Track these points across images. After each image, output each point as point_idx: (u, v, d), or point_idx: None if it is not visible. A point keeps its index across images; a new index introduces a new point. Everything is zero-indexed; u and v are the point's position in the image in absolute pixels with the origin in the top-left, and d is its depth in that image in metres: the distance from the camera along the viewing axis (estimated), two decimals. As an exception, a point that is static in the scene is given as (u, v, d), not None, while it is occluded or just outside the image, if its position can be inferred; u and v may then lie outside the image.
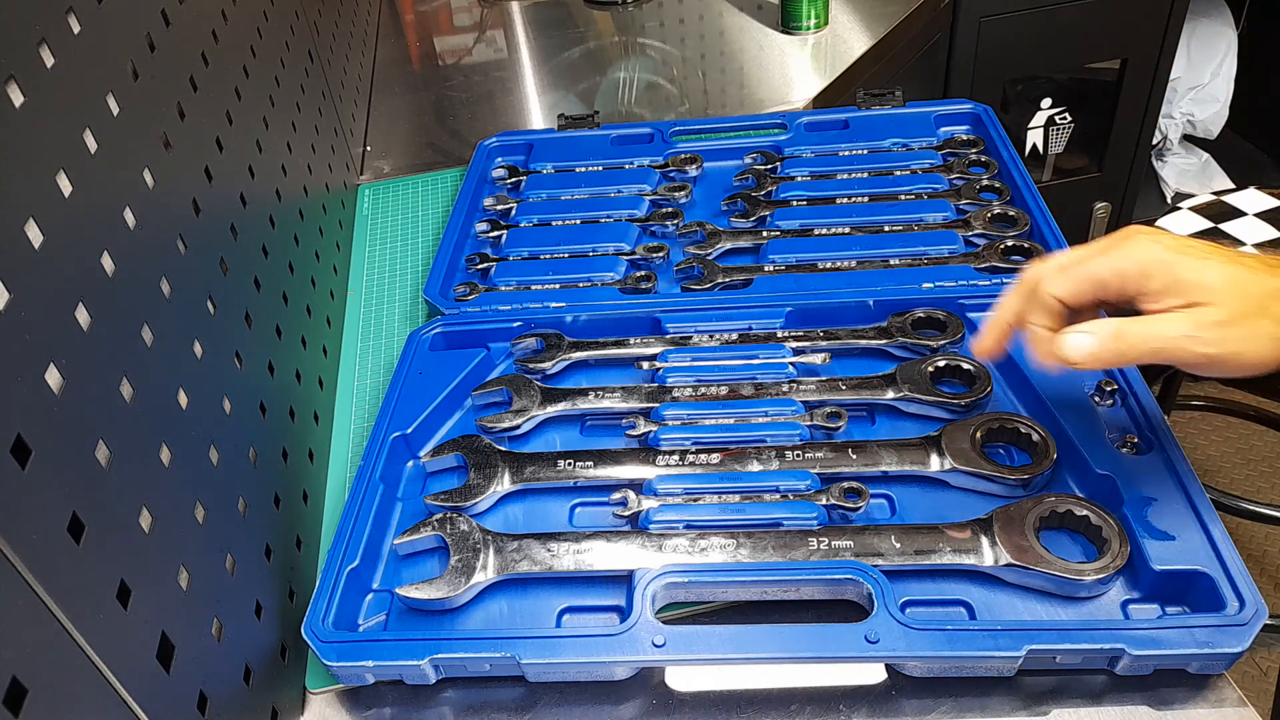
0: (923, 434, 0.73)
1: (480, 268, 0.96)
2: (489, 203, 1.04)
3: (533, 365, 0.83)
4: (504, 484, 0.73)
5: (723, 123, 1.15)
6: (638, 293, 0.89)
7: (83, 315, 0.45)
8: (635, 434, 0.75)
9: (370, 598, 0.67)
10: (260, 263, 0.75)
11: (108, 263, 0.49)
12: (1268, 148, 2.35)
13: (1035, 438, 0.69)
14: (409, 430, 0.77)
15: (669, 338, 0.84)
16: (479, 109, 1.41)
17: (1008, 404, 0.76)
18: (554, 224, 1.00)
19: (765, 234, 0.95)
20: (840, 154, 1.04)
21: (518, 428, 0.78)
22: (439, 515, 0.70)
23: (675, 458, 0.72)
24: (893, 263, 0.89)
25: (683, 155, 1.06)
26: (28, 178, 0.43)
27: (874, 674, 0.61)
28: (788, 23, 1.45)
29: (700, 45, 1.50)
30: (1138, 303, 0.56)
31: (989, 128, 1.03)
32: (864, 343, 0.81)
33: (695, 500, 0.69)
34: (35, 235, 0.42)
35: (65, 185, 0.46)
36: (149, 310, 0.53)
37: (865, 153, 1.03)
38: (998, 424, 0.71)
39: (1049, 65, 1.87)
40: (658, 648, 0.59)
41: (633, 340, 0.85)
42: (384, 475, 0.73)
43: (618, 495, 0.70)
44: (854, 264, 0.89)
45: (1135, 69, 1.84)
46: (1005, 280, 0.84)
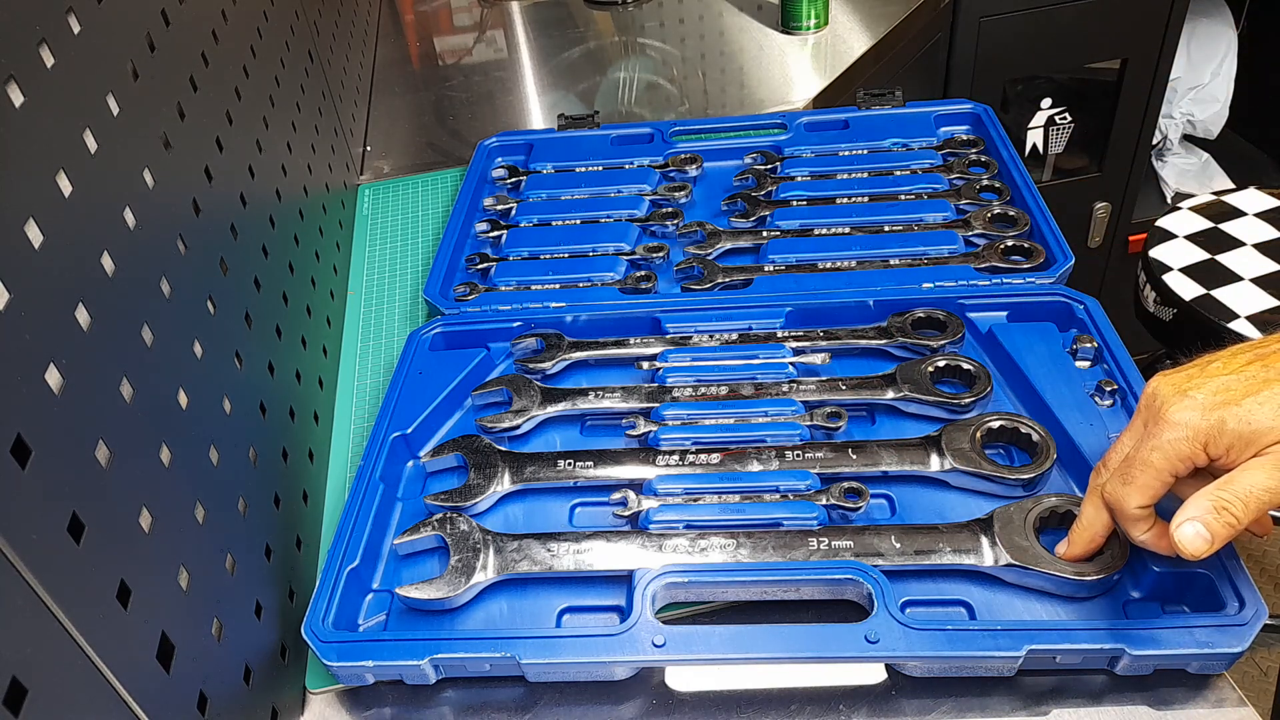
0: (923, 434, 0.73)
1: (480, 268, 0.96)
2: (489, 203, 1.04)
3: (533, 365, 0.83)
4: (504, 484, 0.73)
5: (723, 123, 1.15)
6: (638, 293, 0.89)
7: (83, 315, 0.45)
8: (635, 434, 0.75)
9: (370, 598, 0.67)
10: (260, 263, 0.75)
11: (108, 263, 0.49)
12: (1268, 148, 2.35)
13: (1035, 438, 0.69)
14: (409, 430, 0.77)
15: (669, 338, 0.84)
16: (479, 109, 1.41)
17: (1008, 404, 0.76)
18: (554, 224, 1.00)
19: (765, 234, 0.95)
20: (840, 154, 1.04)
21: (518, 428, 0.78)
22: (439, 515, 0.70)
23: (675, 458, 0.72)
24: (893, 263, 0.89)
25: (683, 155, 1.06)
26: (28, 178, 0.43)
27: (874, 674, 0.61)
28: (788, 23, 1.45)
29: (700, 45, 1.50)
30: (1213, 467, 0.56)
31: (989, 128, 1.03)
32: (864, 343, 0.81)
33: (695, 500, 0.69)
34: (35, 235, 0.42)
35: (65, 185, 0.46)
36: (149, 310, 0.53)
37: (865, 153, 1.03)
38: (998, 424, 0.71)
39: (1049, 65, 1.87)
40: (658, 648, 0.59)
41: (633, 340, 0.85)
42: (384, 475, 0.73)
43: (618, 495, 0.70)
44: (854, 264, 0.89)
45: (1135, 69, 1.84)
46: (1005, 280, 0.84)
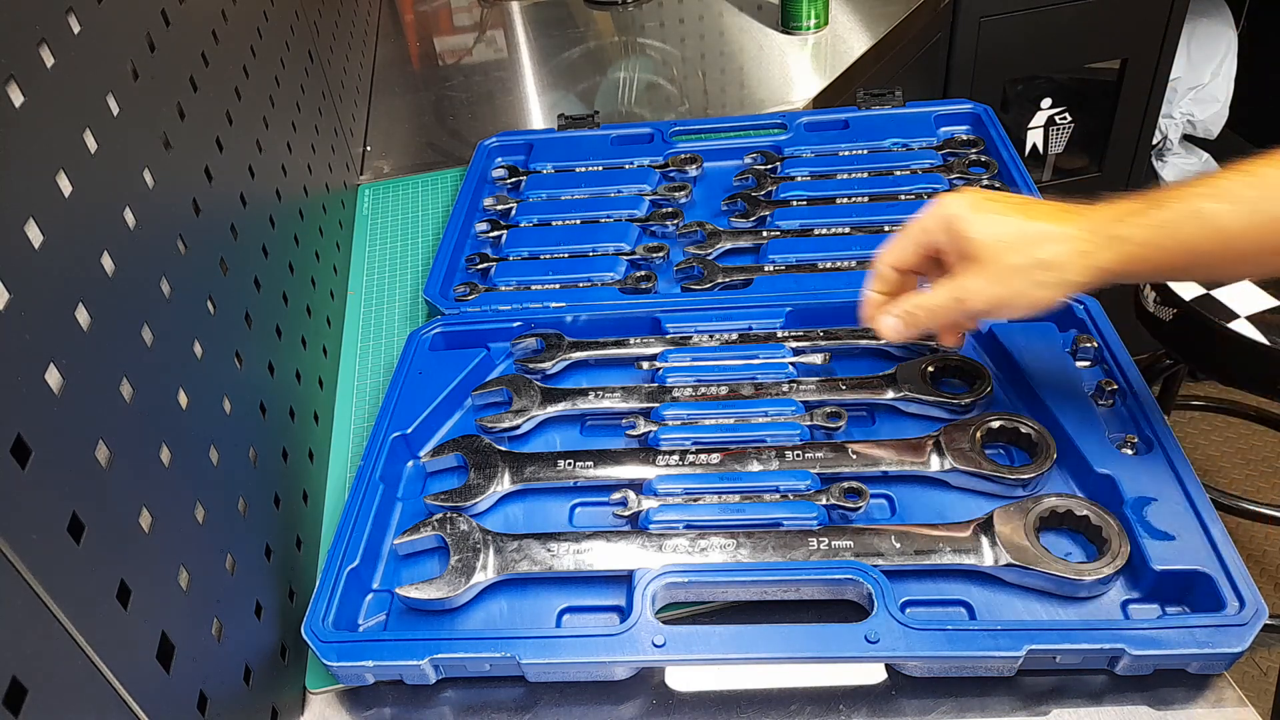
0: (923, 434, 0.73)
1: (480, 268, 0.96)
2: (489, 203, 1.04)
3: (533, 365, 0.83)
4: (504, 484, 0.73)
5: (723, 123, 1.15)
6: (638, 293, 0.89)
7: (83, 315, 0.45)
8: (635, 434, 0.75)
9: (370, 598, 0.67)
10: (260, 263, 0.75)
11: (108, 263, 0.49)
12: (1268, 148, 2.35)
13: (1035, 438, 0.69)
14: (409, 430, 0.77)
15: (669, 338, 0.84)
16: (479, 109, 1.41)
17: (1008, 404, 0.76)
18: (554, 224, 1.00)
19: (765, 234, 0.95)
20: (840, 154, 1.04)
21: (518, 428, 0.78)
22: (439, 515, 0.70)
23: (675, 458, 0.72)
24: (893, 263, 0.89)
25: (683, 155, 1.06)
26: (28, 178, 0.43)
27: (874, 674, 0.61)
28: (788, 23, 1.45)
29: (700, 45, 1.50)
30: (943, 262, 0.62)
31: (989, 128, 1.03)
32: (864, 343, 0.81)
33: (695, 500, 0.69)
34: (35, 235, 0.42)
35: (65, 185, 0.46)
36: (149, 310, 0.53)
37: (865, 153, 1.03)
38: (998, 424, 0.71)
39: (1049, 65, 1.87)
40: (658, 648, 0.59)
41: (633, 340, 0.85)
42: (384, 475, 0.73)
43: (618, 495, 0.70)
44: (854, 264, 0.89)
45: (1135, 69, 1.84)
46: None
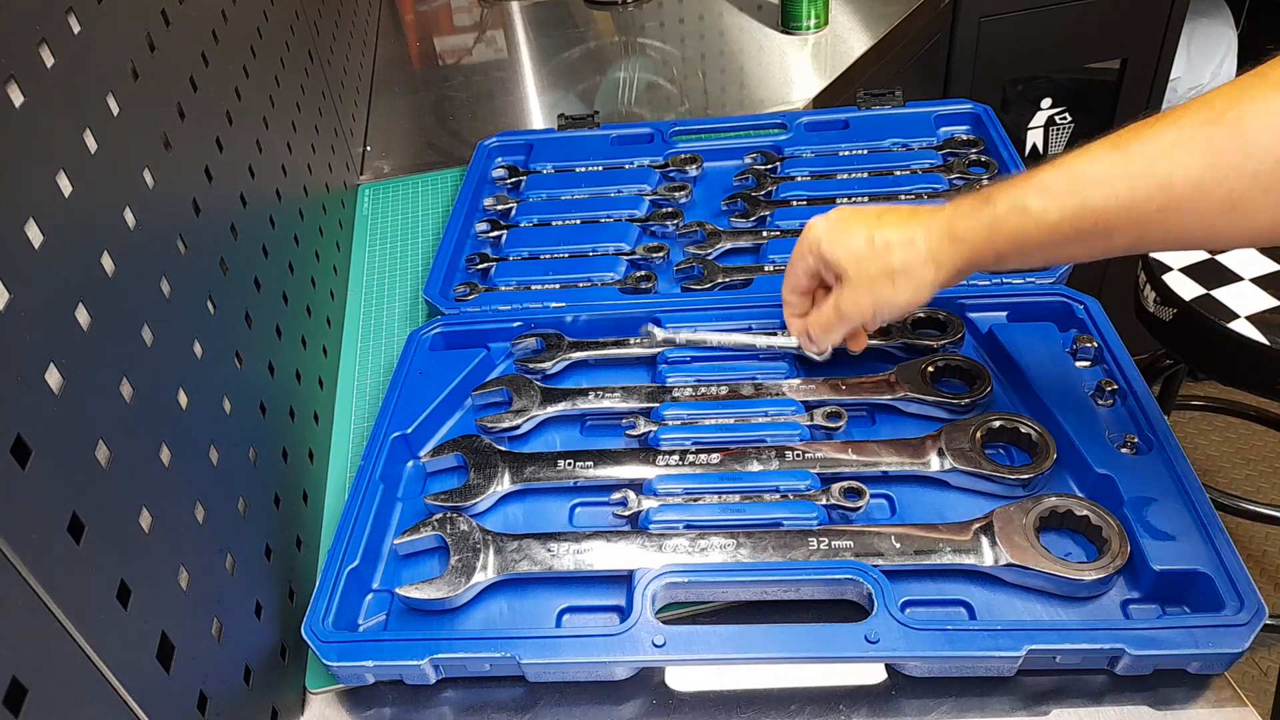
0: (923, 434, 0.73)
1: (480, 268, 0.96)
2: (489, 203, 1.04)
3: (533, 365, 0.83)
4: (504, 484, 0.73)
5: (723, 123, 1.15)
6: (638, 293, 0.89)
7: (83, 315, 0.45)
8: (635, 434, 0.75)
9: (370, 598, 0.67)
10: (260, 263, 0.75)
11: (108, 263, 0.49)
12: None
13: (1035, 438, 0.69)
14: (409, 430, 0.77)
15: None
16: (479, 109, 1.41)
17: (1008, 404, 0.76)
18: (554, 224, 1.00)
19: (765, 234, 0.95)
20: (840, 154, 1.04)
21: (518, 428, 0.78)
22: (439, 515, 0.70)
23: (675, 458, 0.72)
24: (893, 263, 0.89)
25: (683, 155, 1.06)
26: (28, 178, 0.43)
27: (874, 674, 0.61)
28: (788, 23, 1.45)
29: (700, 45, 1.50)
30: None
31: (989, 128, 1.03)
32: (864, 343, 0.81)
33: (695, 500, 0.69)
34: (35, 235, 0.42)
35: (65, 185, 0.46)
36: (149, 310, 0.53)
37: (865, 153, 1.03)
38: (998, 424, 0.71)
39: (1049, 65, 1.87)
40: (658, 648, 0.59)
41: (633, 340, 0.85)
42: (384, 475, 0.73)
43: (618, 495, 0.70)
44: (854, 264, 0.89)
45: (1135, 69, 1.84)
46: (1005, 280, 0.84)
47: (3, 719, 0.34)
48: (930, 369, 0.76)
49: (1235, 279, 1.24)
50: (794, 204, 0.97)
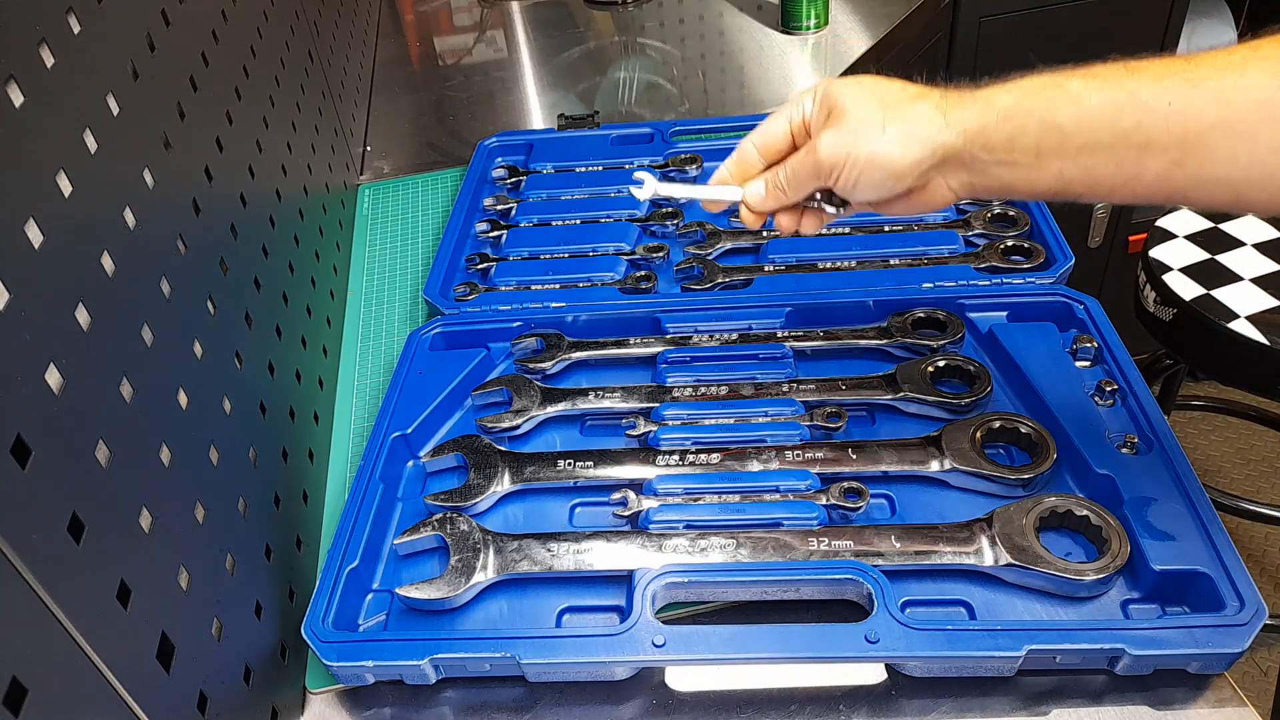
0: (923, 434, 0.73)
1: (480, 268, 0.96)
2: (489, 203, 1.04)
3: (533, 365, 0.83)
4: (504, 484, 0.73)
5: (723, 123, 1.15)
6: (638, 293, 0.89)
7: (83, 315, 0.45)
8: (635, 434, 0.75)
9: (370, 598, 0.67)
10: (260, 263, 0.75)
11: (108, 263, 0.49)
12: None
13: (1035, 438, 0.69)
14: (409, 430, 0.77)
15: (669, 338, 0.84)
16: (479, 109, 1.41)
17: (1008, 404, 0.76)
18: (554, 224, 1.00)
19: (765, 234, 0.95)
20: (840, 154, 1.04)
21: (518, 428, 0.78)
22: (439, 515, 0.70)
23: (675, 458, 0.72)
24: (893, 263, 0.89)
25: (683, 155, 1.06)
26: (28, 178, 0.43)
27: (874, 674, 0.61)
28: (788, 23, 1.45)
29: (700, 45, 1.50)
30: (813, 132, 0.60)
31: (989, 128, 1.03)
32: (864, 343, 0.81)
33: (695, 500, 0.69)
34: (35, 235, 0.42)
35: (65, 185, 0.46)
36: (149, 310, 0.53)
37: (865, 153, 1.03)
38: (998, 424, 0.71)
39: (1049, 65, 1.87)
40: (658, 648, 0.59)
41: (633, 340, 0.85)
42: (384, 475, 0.73)
43: (618, 495, 0.70)
44: (854, 264, 0.89)
45: (1135, 69, 1.84)
46: (1005, 280, 0.84)
47: (3, 719, 0.34)
48: (930, 369, 0.76)
49: (1235, 279, 1.24)
50: (794, 204, 0.97)
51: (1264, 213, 0.52)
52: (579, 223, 1.00)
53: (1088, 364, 0.76)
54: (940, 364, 0.77)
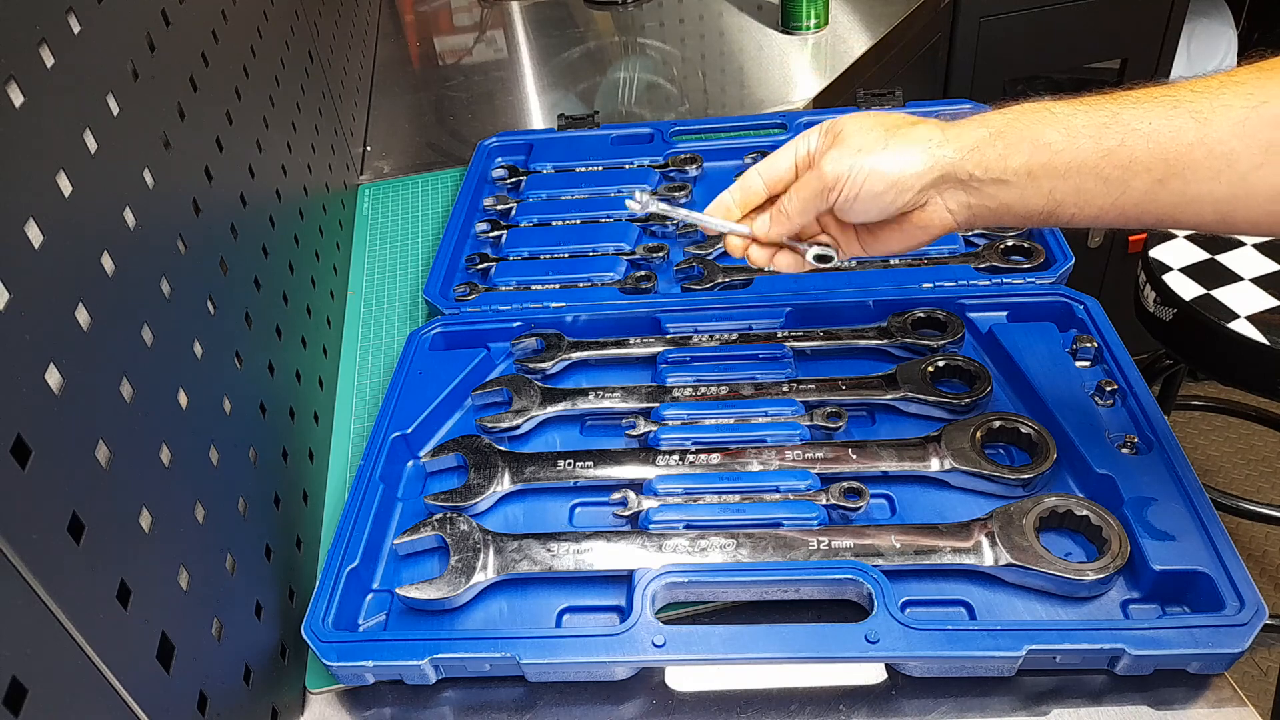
0: (923, 434, 0.73)
1: (480, 268, 0.96)
2: (489, 203, 1.04)
3: (533, 365, 0.83)
4: (504, 484, 0.73)
5: (723, 123, 1.15)
6: (638, 293, 0.89)
7: (83, 315, 0.45)
8: (635, 434, 0.75)
9: (370, 598, 0.67)
10: (260, 263, 0.75)
11: (108, 263, 0.49)
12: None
13: (1035, 438, 0.69)
14: (409, 430, 0.77)
15: (669, 338, 0.84)
16: (479, 109, 1.41)
17: (1008, 404, 0.76)
18: (554, 224, 1.00)
19: (765, 234, 0.94)
20: (840, 154, 1.04)
21: (518, 428, 0.78)
22: (439, 515, 0.70)
23: (675, 458, 0.72)
24: (892, 263, 0.89)
25: (683, 155, 1.06)
26: (28, 178, 0.43)
27: (874, 674, 0.61)
28: (788, 23, 1.45)
29: (700, 45, 1.50)
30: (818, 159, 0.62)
31: (989, 128, 1.03)
32: (864, 343, 0.81)
33: (695, 500, 0.69)
34: (35, 235, 0.42)
35: (65, 185, 0.46)
36: (149, 310, 0.53)
37: (865, 153, 1.03)
38: (998, 424, 0.71)
39: (1049, 65, 1.87)
40: (658, 648, 0.59)
41: (633, 340, 0.85)
42: (384, 475, 0.73)
43: (618, 495, 0.70)
44: (854, 264, 0.89)
45: (1135, 69, 1.84)
46: (1005, 280, 0.84)
47: (3, 719, 0.34)
48: (930, 369, 0.76)
49: (1235, 279, 1.24)
50: (794, 204, 0.97)
51: (1252, 233, 0.53)
52: (579, 223, 1.00)
53: (1088, 364, 0.76)
54: (940, 364, 0.77)
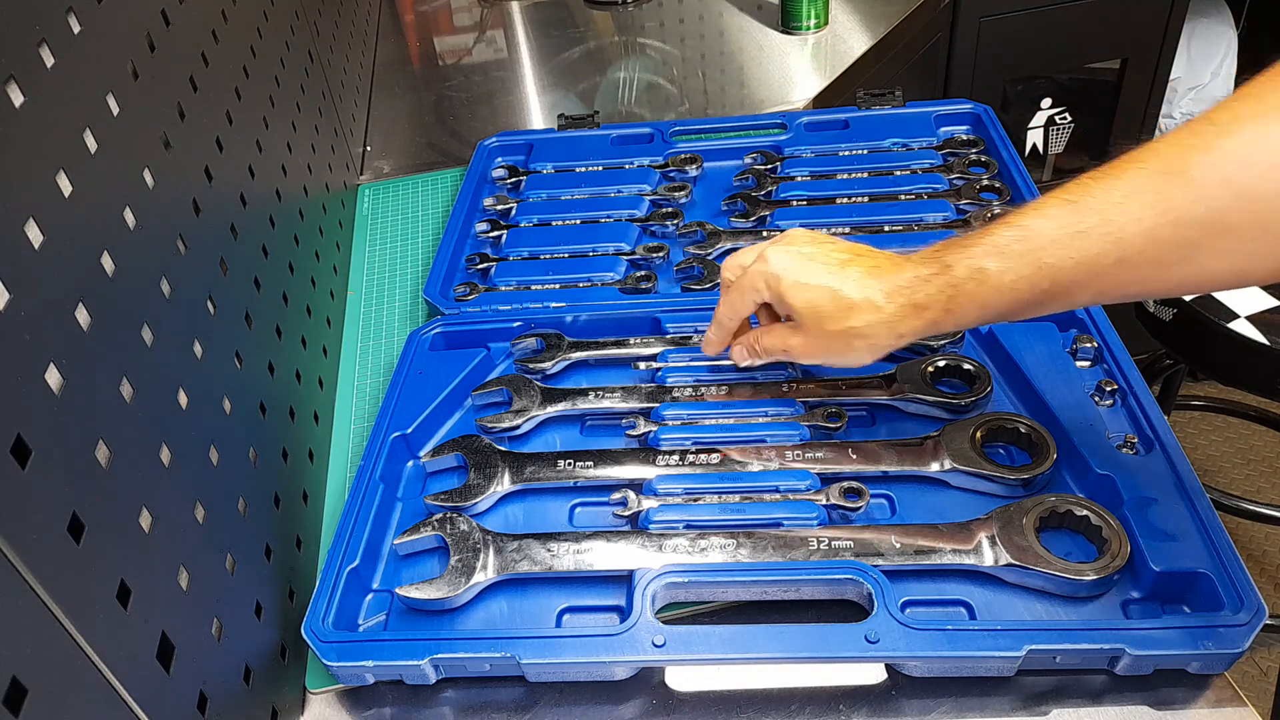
0: (923, 434, 0.73)
1: (480, 268, 0.96)
2: (489, 203, 1.04)
3: (533, 365, 0.83)
4: (504, 484, 0.73)
5: (723, 123, 1.15)
6: (638, 293, 0.89)
7: (83, 315, 0.45)
8: (635, 434, 0.75)
9: (370, 598, 0.67)
10: (260, 263, 0.75)
11: (108, 263, 0.49)
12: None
13: (1035, 438, 0.69)
14: (409, 430, 0.77)
15: (669, 338, 0.84)
16: (479, 109, 1.41)
17: (1008, 404, 0.76)
18: (554, 224, 1.00)
19: (765, 234, 0.95)
20: (840, 154, 1.04)
21: (518, 428, 0.78)
22: (439, 515, 0.70)
23: (675, 458, 0.72)
24: (893, 263, 0.89)
25: (683, 155, 1.06)
26: (28, 178, 0.43)
27: (874, 674, 0.61)
28: (788, 23, 1.45)
29: (700, 45, 1.50)
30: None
31: (989, 128, 1.03)
32: (864, 343, 0.81)
33: (695, 500, 0.69)
34: (35, 235, 0.42)
35: (65, 185, 0.46)
36: (149, 310, 0.53)
37: (865, 153, 1.03)
38: (998, 424, 0.71)
39: (1049, 65, 1.87)
40: (658, 648, 0.59)
41: (633, 340, 0.85)
42: (384, 475, 0.73)
43: (618, 495, 0.70)
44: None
45: (1135, 69, 1.84)
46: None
47: (3, 719, 0.34)
48: (930, 369, 0.76)
49: (1235, 279, 1.24)
50: (794, 204, 0.97)
51: (1208, 291, 0.57)
52: (579, 223, 1.00)
53: (1088, 364, 0.76)
54: (940, 364, 0.77)
